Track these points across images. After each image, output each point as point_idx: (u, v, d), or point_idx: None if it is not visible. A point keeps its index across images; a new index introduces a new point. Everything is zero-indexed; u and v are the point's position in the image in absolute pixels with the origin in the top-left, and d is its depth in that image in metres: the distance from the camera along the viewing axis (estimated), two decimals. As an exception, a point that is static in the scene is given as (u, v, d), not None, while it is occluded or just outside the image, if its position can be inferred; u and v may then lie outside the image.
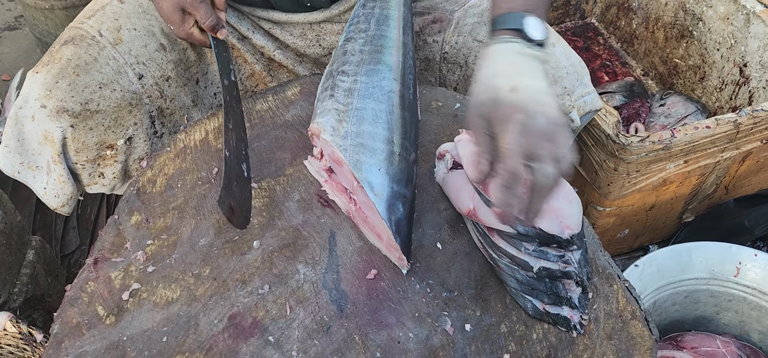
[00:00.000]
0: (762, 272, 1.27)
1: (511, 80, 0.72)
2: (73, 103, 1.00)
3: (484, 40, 1.17)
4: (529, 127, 0.68)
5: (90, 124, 1.02)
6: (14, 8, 2.43)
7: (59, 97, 0.99)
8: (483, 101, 0.72)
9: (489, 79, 0.73)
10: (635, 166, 1.29)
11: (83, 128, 1.02)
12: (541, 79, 0.74)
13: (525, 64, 0.74)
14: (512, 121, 0.68)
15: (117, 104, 1.05)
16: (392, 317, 0.78)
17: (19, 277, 1.28)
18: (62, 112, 0.99)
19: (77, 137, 1.02)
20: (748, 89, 1.61)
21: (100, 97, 1.03)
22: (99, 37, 1.05)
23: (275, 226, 0.88)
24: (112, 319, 0.78)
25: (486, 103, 0.71)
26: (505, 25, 0.77)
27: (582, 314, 0.80)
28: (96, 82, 1.02)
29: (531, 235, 0.77)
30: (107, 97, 1.03)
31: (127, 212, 0.90)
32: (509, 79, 0.72)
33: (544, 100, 0.71)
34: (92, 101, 1.02)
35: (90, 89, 1.02)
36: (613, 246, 1.56)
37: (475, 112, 0.73)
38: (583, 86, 1.14)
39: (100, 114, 1.03)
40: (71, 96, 1.00)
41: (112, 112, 1.04)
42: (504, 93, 0.71)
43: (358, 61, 0.97)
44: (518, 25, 0.76)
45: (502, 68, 0.74)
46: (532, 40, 0.76)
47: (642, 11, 1.93)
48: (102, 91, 1.03)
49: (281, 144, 0.99)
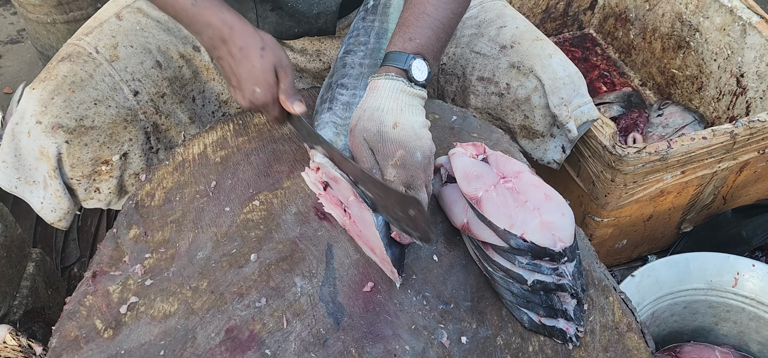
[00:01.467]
0: (760, 283, 1.27)
1: (394, 116, 0.83)
2: (67, 120, 1.01)
3: (481, 51, 1.18)
4: (408, 162, 0.80)
5: (85, 140, 1.03)
6: (16, 22, 2.45)
7: (54, 114, 1.00)
8: (369, 129, 0.82)
9: (375, 112, 0.83)
10: (632, 177, 1.29)
11: (78, 144, 1.03)
12: (419, 114, 0.86)
13: (406, 102, 0.85)
14: (395, 156, 0.80)
15: (112, 120, 1.06)
16: (389, 330, 0.79)
17: (20, 289, 1.29)
18: (57, 128, 1.00)
19: (72, 153, 1.03)
20: (746, 99, 1.62)
21: (95, 114, 1.04)
22: (96, 53, 1.07)
23: (272, 239, 0.88)
24: (110, 332, 0.79)
25: (372, 133, 0.82)
26: (393, 63, 0.87)
27: (578, 326, 0.80)
28: (91, 99, 1.04)
29: (523, 248, 0.77)
30: (102, 114, 1.04)
31: (126, 226, 0.91)
32: (392, 115, 0.83)
33: (422, 134, 0.83)
34: (87, 117, 1.03)
35: (85, 105, 1.03)
36: (611, 257, 1.56)
37: (360, 137, 0.83)
38: (580, 97, 1.15)
39: (95, 130, 1.04)
40: (66, 112, 1.01)
41: (107, 128, 1.05)
42: (387, 129, 0.81)
43: (357, 75, 0.98)
44: (405, 65, 0.86)
45: (386, 103, 0.84)
46: (416, 82, 0.86)
47: (639, 22, 1.94)
48: (97, 107, 1.04)
49: (278, 157, 0.99)
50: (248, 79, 0.87)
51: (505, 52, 1.16)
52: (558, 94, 1.13)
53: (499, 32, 1.18)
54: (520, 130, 1.21)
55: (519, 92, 1.16)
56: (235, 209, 0.92)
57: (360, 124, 0.83)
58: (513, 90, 1.16)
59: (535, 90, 1.14)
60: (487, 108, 1.21)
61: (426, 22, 0.90)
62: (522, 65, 1.15)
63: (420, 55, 0.88)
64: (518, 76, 1.15)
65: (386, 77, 0.86)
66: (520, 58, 1.15)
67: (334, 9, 1.09)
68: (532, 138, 1.21)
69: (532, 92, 1.15)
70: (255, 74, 0.86)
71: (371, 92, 0.86)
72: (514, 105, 1.18)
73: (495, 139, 1.04)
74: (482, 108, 1.21)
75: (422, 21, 0.90)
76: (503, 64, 1.16)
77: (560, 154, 1.21)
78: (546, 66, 1.13)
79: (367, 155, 0.82)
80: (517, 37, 1.17)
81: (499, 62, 1.16)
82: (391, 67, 0.87)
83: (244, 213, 0.91)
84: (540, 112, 1.16)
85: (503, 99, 1.18)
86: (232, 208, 0.92)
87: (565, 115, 1.14)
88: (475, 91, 1.20)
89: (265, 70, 0.86)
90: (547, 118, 1.16)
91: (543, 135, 1.19)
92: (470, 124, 1.06)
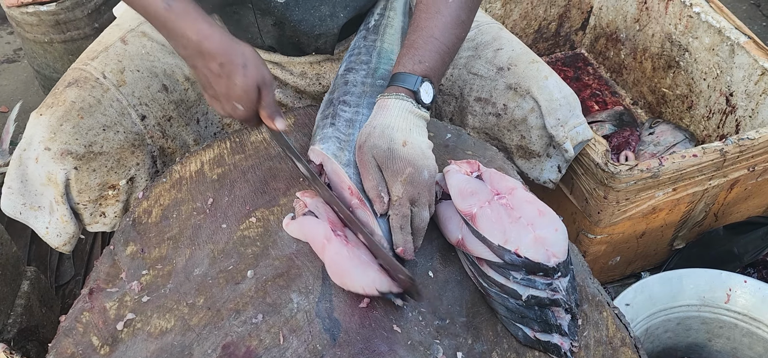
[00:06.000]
0: (752, 299, 1.28)
1: (404, 135, 0.86)
2: (77, 146, 1.01)
3: (478, 72, 1.20)
4: (416, 180, 0.84)
5: (93, 166, 1.04)
6: (13, 41, 2.46)
7: (63, 140, 1.00)
8: (380, 146, 0.85)
9: (385, 129, 0.86)
10: (625, 194, 1.31)
11: (87, 170, 1.03)
12: (424, 135, 0.90)
13: (414, 122, 0.89)
14: (404, 173, 0.83)
15: (120, 146, 1.06)
16: (385, 346, 0.79)
17: (14, 308, 1.28)
18: (66, 154, 1.00)
19: (80, 179, 1.03)
20: (735, 118, 1.64)
21: (103, 140, 1.04)
22: (103, 78, 1.07)
23: (269, 255, 0.89)
24: (106, 349, 0.79)
25: (382, 150, 0.84)
26: (403, 83, 0.90)
27: (572, 341, 0.81)
28: (100, 125, 1.04)
29: (518, 264, 0.78)
30: (111, 140, 1.05)
31: (123, 243, 0.91)
32: (402, 133, 0.86)
33: (428, 154, 0.87)
34: (96, 144, 1.03)
35: (94, 131, 1.03)
36: (605, 273, 1.57)
37: (369, 153, 0.85)
38: (575, 117, 1.17)
39: (104, 156, 1.05)
40: (75, 138, 1.01)
41: (115, 153, 1.06)
42: (398, 146, 0.84)
43: (359, 93, 0.99)
44: (415, 87, 0.90)
45: (396, 122, 0.87)
46: (423, 103, 0.90)
47: (630, 42, 1.97)
48: (105, 133, 1.04)
49: (275, 174, 1.00)
50: (229, 97, 0.85)
51: (502, 73, 1.18)
52: (554, 115, 1.15)
53: (496, 54, 1.20)
54: (517, 151, 1.22)
55: (516, 113, 1.18)
56: (232, 225, 0.93)
57: (370, 141, 0.86)
58: (510, 111, 1.18)
59: (532, 111, 1.16)
60: (484, 128, 1.22)
61: (434, 46, 0.93)
62: (519, 87, 1.17)
63: (428, 78, 0.91)
64: (515, 97, 1.17)
65: (396, 97, 0.89)
66: (516, 80, 1.17)
67: (336, 31, 1.10)
68: (529, 158, 1.22)
69: (529, 113, 1.17)
70: (237, 93, 0.84)
71: (381, 110, 0.89)
72: (511, 125, 1.19)
73: (489, 157, 1.06)
74: (480, 128, 1.23)
75: (430, 45, 0.93)
76: (500, 85, 1.18)
77: (556, 173, 1.23)
78: (542, 88, 1.15)
79: (373, 172, 0.85)
80: (513, 59, 1.19)
81: (497, 84, 1.18)
82: (400, 87, 0.90)
83: (240, 230, 0.92)
84: (536, 133, 1.18)
85: (500, 119, 1.20)
86: (228, 225, 0.93)
87: (562, 136, 1.16)
88: (473, 112, 1.22)
89: (248, 89, 0.84)
90: (543, 138, 1.18)
91: (539, 155, 1.21)
92: (464, 142, 1.08)
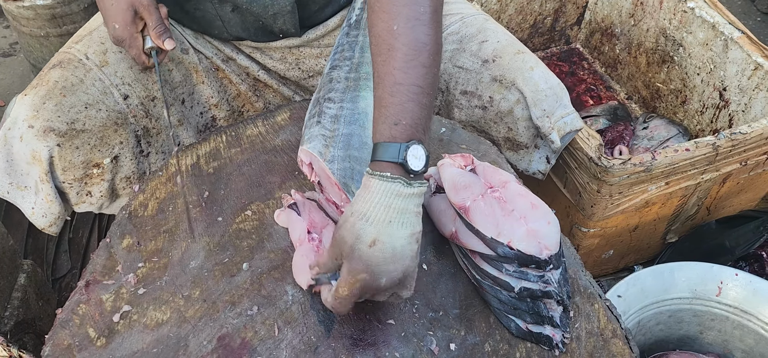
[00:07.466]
0: (743, 292, 1.30)
1: (376, 231, 0.73)
2: (59, 123, 1.02)
3: (464, 65, 1.20)
4: (369, 287, 0.73)
5: (76, 143, 1.05)
6: (9, 35, 2.46)
7: (46, 117, 1.02)
8: (346, 241, 0.73)
9: (358, 220, 0.73)
10: (618, 188, 1.32)
11: (70, 147, 1.04)
12: (407, 226, 0.74)
13: (398, 209, 0.74)
14: (357, 277, 0.73)
15: (102, 124, 1.07)
16: (379, 337, 0.80)
17: (11, 301, 1.29)
18: (49, 131, 1.02)
19: (64, 156, 1.04)
20: (728, 112, 1.65)
21: (86, 117, 1.05)
22: (86, 59, 1.09)
23: (264, 248, 0.90)
24: (102, 341, 0.80)
25: (347, 247, 0.73)
26: (386, 157, 0.75)
27: (564, 333, 0.82)
28: (82, 103, 1.05)
29: (510, 256, 0.79)
30: (93, 117, 1.06)
31: (119, 235, 0.92)
32: (375, 228, 0.73)
33: (401, 254, 0.73)
34: (78, 121, 1.04)
35: (76, 109, 1.04)
36: (598, 267, 1.58)
37: (336, 246, 0.75)
38: (562, 108, 1.17)
39: (86, 133, 1.06)
40: (58, 116, 1.02)
41: (98, 131, 1.07)
42: (363, 245, 0.72)
43: (343, 88, 1.00)
44: (399, 159, 0.74)
45: (373, 212, 0.73)
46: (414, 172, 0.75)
47: (625, 37, 1.98)
48: (88, 111, 1.06)
49: (271, 168, 1.01)
50: (108, 17, 1.01)
51: (487, 66, 1.19)
52: (540, 106, 1.15)
53: (481, 47, 1.20)
54: (504, 142, 1.23)
55: (502, 105, 1.18)
56: (228, 218, 0.93)
57: (340, 232, 0.75)
58: (496, 103, 1.19)
59: (518, 102, 1.17)
60: (471, 121, 1.23)
61: (403, 95, 0.77)
62: (504, 78, 1.17)
63: (414, 140, 0.75)
64: (501, 89, 1.18)
65: (381, 178, 0.74)
66: (501, 72, 1.17)
67: (289, 9, 1.10)
68: (517, 150, 1.23)
69: (515, 105, 1.17)
70: (113, 12, 1.00)
71: (363, 192, 0.75)
72: (498, 118, 1.20)
73: (483, 151, 1.07)
74: (466, 121, 1.23)
75: (399, 95, 0.77)
76: (485, 77, 1.19)
77: (545, 164, 1.24)
78: (527, 79, 1.15)
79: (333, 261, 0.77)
80: (498, 51, 1.19)
81: (482, 76, 1.19)
82: (384, 163, 0.75)
83: (236, 223, 0.93)
84: (523, 124, 1.18)
85: (486, 112, 1.20)
86: (224, 218, 0.94)
87: (548, 127, 1.16)
88: (459, 105, 1.22)
89: (122, 9, 0.99)
90: (530, 130, 1.19)
91: (527, 146, 1.21)
92: (459, 136, 1.09)
